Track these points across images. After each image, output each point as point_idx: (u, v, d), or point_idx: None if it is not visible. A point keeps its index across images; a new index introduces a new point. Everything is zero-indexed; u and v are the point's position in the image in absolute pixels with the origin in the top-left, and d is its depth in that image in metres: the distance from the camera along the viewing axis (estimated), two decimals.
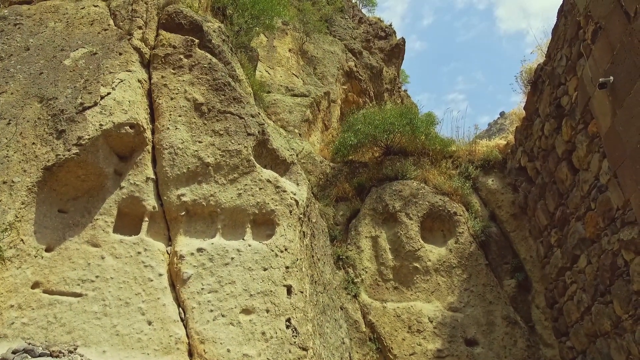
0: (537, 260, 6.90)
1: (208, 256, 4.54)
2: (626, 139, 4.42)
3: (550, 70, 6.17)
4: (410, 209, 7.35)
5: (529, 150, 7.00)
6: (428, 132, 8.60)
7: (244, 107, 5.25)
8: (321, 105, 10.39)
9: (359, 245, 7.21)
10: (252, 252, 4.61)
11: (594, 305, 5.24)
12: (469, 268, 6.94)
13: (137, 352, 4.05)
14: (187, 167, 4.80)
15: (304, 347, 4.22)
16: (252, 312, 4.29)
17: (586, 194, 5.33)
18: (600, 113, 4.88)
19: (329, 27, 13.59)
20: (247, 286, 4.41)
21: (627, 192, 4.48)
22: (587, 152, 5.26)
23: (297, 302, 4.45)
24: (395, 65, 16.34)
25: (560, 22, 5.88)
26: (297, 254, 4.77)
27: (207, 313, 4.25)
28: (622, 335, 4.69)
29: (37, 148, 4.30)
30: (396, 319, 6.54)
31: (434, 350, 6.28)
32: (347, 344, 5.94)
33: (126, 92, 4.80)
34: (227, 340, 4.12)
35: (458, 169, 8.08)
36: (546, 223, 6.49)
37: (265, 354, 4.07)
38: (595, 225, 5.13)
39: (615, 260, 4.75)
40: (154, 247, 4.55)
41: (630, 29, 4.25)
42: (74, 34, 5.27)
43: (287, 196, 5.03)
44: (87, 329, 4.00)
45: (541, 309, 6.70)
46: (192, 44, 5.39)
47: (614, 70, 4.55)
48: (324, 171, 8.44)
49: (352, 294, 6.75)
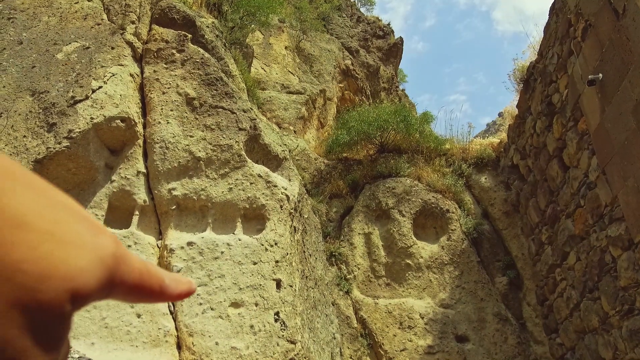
0: (529, 258, 6.94)
1: (198, 250, 4.56)
2: (614, 135, 4.45)
3: (542, 68, 6.20)
4: (403, 206, 7.37)
5: (521, 148, 7.04)
6: (422, 130, 8.63)
7: (236, 102, 5.27)
8: (317, 102, 10.41)
9: (351, 242, 7.24)
10: (242, 246, 4.63)
11: (583, 302, 5.28)
12: (461, 265, 6.97)
13: (126, 344, 4.07)
14: (178, 161, 4.82)
15: (292, 340, 4.24)
16: (241, 305, 4.31)
17: (576, 191, 5.36)
18: (589, 110, 4.91)
19: (326, 25, 13.62)
20: (236, 280, 4.44)
21: (615, 189, 4.51)
22: (577, 150, 5.29)
23: (286, 296, 4.47)
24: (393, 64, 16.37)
25: (552, 20, 5.91)
26: (287, 248, 4.79)
27: (196, 306, 4.27)
28: (610, 331, 4.73)
29: (28, 141, 4.31)
30: (388, 315, 6.57)
31: (424, 347, 6.31)
32: (338, 339, 5.97)
33: (118, 86, 4.81)
34: (216, 333, 4.14)
35: (451, 167, 8.12)
36: (537, 220, 6.52)
37: (253, 347, 4.09)
38: (584, 222, 5.17)
39: (603, 256, 4.78)
40: (145, 240, 4.57)
41: (618, 26, 4.28)
42: (67, 28, 5.28)
43: (278, 191, 5.05)
44: (76, 322, 4.02)
45: (532, 306, 6.74)
46: (184, 39, 5.41)
47: (603, 68, 4.58)
48: (318, 168, 8.46)
49: (344, 290, 6.78)
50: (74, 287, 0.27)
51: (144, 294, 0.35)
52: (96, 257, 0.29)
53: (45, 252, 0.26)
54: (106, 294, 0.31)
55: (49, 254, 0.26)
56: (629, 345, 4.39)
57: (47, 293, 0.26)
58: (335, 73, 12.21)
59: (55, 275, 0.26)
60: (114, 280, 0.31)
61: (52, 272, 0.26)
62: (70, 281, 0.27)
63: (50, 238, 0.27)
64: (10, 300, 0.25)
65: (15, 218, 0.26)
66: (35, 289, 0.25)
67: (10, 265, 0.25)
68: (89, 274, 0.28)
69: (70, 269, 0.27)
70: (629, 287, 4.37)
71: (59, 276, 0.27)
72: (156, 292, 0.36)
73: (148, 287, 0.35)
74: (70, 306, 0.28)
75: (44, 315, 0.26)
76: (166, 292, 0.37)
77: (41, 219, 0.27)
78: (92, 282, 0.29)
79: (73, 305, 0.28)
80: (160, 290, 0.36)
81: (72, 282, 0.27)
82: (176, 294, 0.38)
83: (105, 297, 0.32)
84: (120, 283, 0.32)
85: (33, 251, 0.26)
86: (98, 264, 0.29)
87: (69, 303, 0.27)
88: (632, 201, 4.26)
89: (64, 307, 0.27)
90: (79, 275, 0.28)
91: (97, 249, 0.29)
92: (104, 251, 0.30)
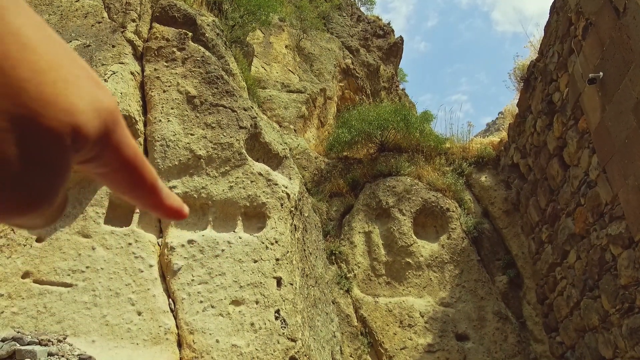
0: (529, 257, 6.94)
1: (199, 248, 4.56)
2: (615, 134, 4.46)
3: (542, 67, 6.20)
4: (403, 205, 7.38)
5: (521, 147, 7.04)
6: (422, 128, 8.63)
7: (237, 100, 5.27)
8: (317, 101, 10.41)
9: (352, 241, 7.24)
10: (242, 244, 4.63)
11: (583, 300, 5.28)
12: (461, 264, 6.98)
13: (127, 342, 4.07)
14: (179, 159, 4.83)
15: (293, 338, 4.24)
16: (241, 303, 4.31)
17: (576, 189, 5.36)
18: (590, 109, 4.92)
19: (326, 25, 13.61)
20: (237, 278, 4.44)
21: (615, 187, 4.51)
22: (578, 148, 5.29)
23: (287, 294, 4.48)
24: (393, 63, 16.36)
25: (552, 18, 5.91)
26: (288, 246, 4.79)
27: (196, 304, 4.27)
28: (610, 330, 4.73)
29: None
30: (388, 313, 6.57)
31: (424, 345, 6.31)
32: (338, 338, 5.97)
33: (118, 84, 4.81)
34: (216, 331, 4.14)
35: (452, 166, 8.12)
36: (537, 219, 6.52)
37: (254, 345, 4.09)
38: (585, 220, 5.17)
39: (604, 255, 4.78)
40: (145, 238, 4.57)
41: (619, 24, 4.28)
42: (68, 27, 5.29)
43: (278, 189, 5.05)
44: (77, 319, 4.02)
45: (532, 305, 6.74)
46: (185, 37, 5.41)
47: (603, 66, 4.58)
48: (318, 167, 8.47)
49: (345, 288, 6.78)
50: (75, 122, 0.26)
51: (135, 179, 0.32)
52: (93, 107, 0.27)
53: (49, 80, 0.25)
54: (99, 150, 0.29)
55: (52, 83, 0.25)
56: (629, 343, 4.40)
57: (49, 120, 0.25)
58: (336, 72, 12.21)
59: (57, 105, 0.25)
60: (109, 138, 0.29)
61: (54, 100, 0.25)
62: (71, 115, 0.26)
63: (53, 69, 0.25)
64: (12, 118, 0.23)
65: (19, 36, 0.24)
66: (38, 113, 0.24)
67: (16, 82, 0.24)
68: (87, 116, 0.27)
69: (72, 105, 0.26)
70: (629, 286, 4.37)
71: (61, 107, 0.25)
72: (147, 185, 0.33)
73: (140, 172, 0.32)
74: (70, 142, 0.26)
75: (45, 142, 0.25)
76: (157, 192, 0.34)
77: (45, 48, 0.25)
78: (90, 126, 0.27)
79: (72, 143, 0.26)
80: (152, 186, 0.33)
81: (73, 117, 0.26)
82: (167, 203, 0.35)
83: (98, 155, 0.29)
84: (115, 148, 0.30)
85: (37, 75, 0.24)
86: (95, 114, 0.27)
87: (69, 137, 0.26)
88: (632, 199, 4.26)
89: (64, 139, 0.26)
90: (80, 114, 0.26)
91: (95, 100, 0.28)
92: (100, 104, 0.28)
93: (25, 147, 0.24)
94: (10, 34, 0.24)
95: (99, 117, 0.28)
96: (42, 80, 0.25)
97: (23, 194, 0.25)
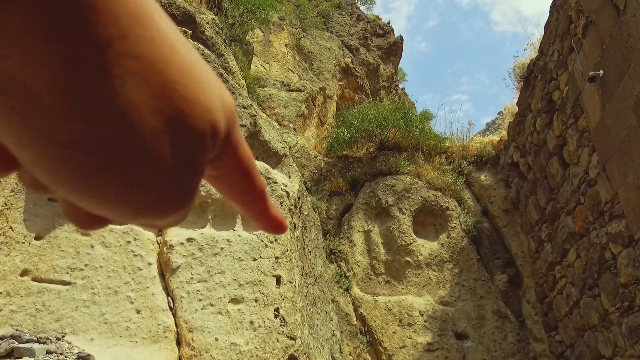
0: (528, 256, 6.94)
1: (198, 246, 4.56)
2: (615, 132, 4.45)
3: (542, 66, 6.20)
4: (403, 203, 7.37)
5: (521, 146, 7.03)
6: (422, 127, 8.62)
7: (236, 98, 5.26)
8: (317, 100, 10.40)
9: (351, 239, 7.23)
10: (242, 243, 4.63)
11: (583, 299, 5.28)
12: (461, 263, 6.97)
13: (125, 340, 4.06)
14: None
15: (292, 336, 4.24)
16: (240, 301, 4.31)
17: (576, 188, 5.36)
18: (590, 107, 4.91)
19: (326, 24, 13.61)
20: (236, 276, 4.43)
21: (615, 186, 4.50)
22: (577, 147, 5.29)
23: (286, 292, 4.47)
24: (393, 63, 16.36)
25: (552, 17, 5.90)
26: (287, 245, 4.79)
27: (195, 302, 4.26)
28: (609, 328, 4.73)
29: None
30: (387, 312, 6.56)
31: (424, 344, 6.31)
32: (337, 336, 5.97)
33: None
34: (216, 329, 4.14)
35: (451, 165, 8.11)
36: (537, 218, 6.52)
37: (253, 343, 4.09)
38: (584, 219, 5.16)
39: (603, 253, 4.78)
40: (144, 236, 4.56)
41: (619, 22, 4.27)
42: None
43: (277, 187, 5.05)
44: (76, 317, 4.02)
45: (531, 303, 6.74)
46: (184, 35, 5.39)
47: (603, 64, 4.57)
48: (318, 166, 8.46)
49: (344, 287, 6.78)
50: (214, 121, 0.26)
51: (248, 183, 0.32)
52: (221, 104, 0.28)
53: (193, 80, 0.25)
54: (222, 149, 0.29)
55: (196, 82, 0.26)
56: (628, 342, 4.40)
57: (196, 120, 0.25)
58: (335, 71, 12.20)
59: (201, 104, 0.26)
60: (230, 137, 0.29)
61: (198, 99, 0.25)
62: (211, 113, 0.26)
63: (194, 69, 0.26)
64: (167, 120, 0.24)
65: (167, 36, 0.25)
66: (187, 113, 0.25)
67: (169, 83, 0.24)
68: (219, 114, 0.27)
69: (211, 103, 0.26)
70: (629, 284, 4.37)
71: (203, 106, 0.26)
72: (257, 191, 0.33)
73: (253, 176, 0.32)
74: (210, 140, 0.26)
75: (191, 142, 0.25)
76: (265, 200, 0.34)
77: (183, 47, 0.26)
78: (222, 124, 0.27)
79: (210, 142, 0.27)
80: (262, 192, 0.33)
81: (212, 115, 0.26)
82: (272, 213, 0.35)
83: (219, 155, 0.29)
84: (234, 147, 0.30)
85: (184, 76, 0.25)
86: (223, 112, 0.28)
87: (209, 136, 0.26)
88: (632, 198, 4.25)
89: (206, 139, 0.26)
90: (216, 111, 0.27)
91: (221, 98, 0.28)
92: (225, 102, 0.28)
93: (176, 147, 0.25)
94: (160, 34, 0.24)
95: (224, 116, 0.28)
96: (189, 81, 0.25)
97: (174, 194, 0.26)
